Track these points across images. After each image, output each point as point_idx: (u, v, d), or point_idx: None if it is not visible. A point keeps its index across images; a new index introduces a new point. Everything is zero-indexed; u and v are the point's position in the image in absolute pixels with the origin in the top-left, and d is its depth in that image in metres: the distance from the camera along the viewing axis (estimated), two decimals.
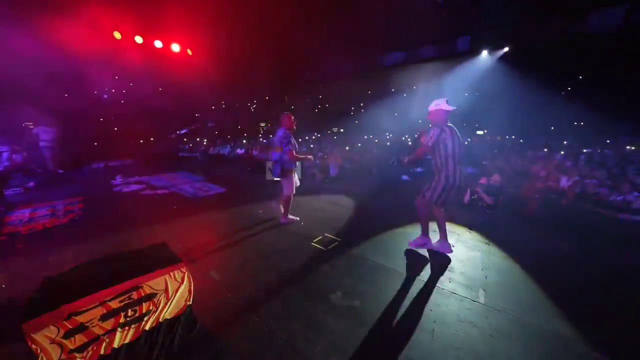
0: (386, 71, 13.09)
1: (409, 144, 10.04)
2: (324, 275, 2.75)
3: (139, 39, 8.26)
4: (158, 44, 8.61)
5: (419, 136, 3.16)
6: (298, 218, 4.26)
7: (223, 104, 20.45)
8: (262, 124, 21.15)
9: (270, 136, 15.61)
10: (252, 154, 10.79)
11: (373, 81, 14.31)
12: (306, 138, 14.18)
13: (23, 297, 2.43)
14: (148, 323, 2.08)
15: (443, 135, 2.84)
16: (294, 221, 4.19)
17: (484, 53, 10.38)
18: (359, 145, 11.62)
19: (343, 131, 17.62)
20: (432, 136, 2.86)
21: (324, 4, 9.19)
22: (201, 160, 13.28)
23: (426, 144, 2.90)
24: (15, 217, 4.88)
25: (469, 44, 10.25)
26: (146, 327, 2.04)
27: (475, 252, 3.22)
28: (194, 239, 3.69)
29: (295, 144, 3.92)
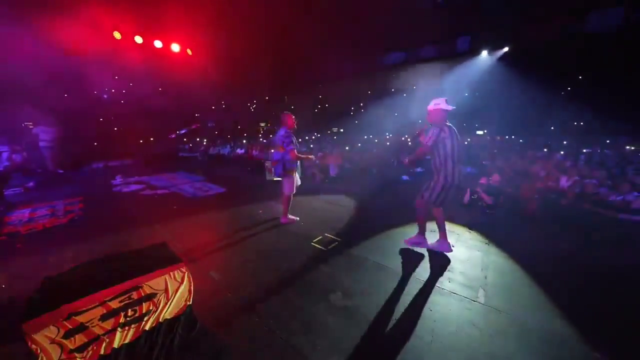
0: (386, 71, 13.10)
1: (409, 144, 10.03)
2: (324, 275, 2.75)
3: (139, 39, 8.26)
4: (158, 44, 8.61)
5: (418, 135, 3.16)
6: (298, 218, 4.26)
7: (223, 104, 20.46)
8: (262, 124, 21.16)
9: (270, 136, 15.61)
10: (252, 154, 10.79)
11: (373, 81, 14.32)
12: (306, 138, 14.19)
13: (23, 297, 2.43)
14: (148, 323, 2.08)
15: (442, 134, 2.83)
16: (294, 221, 4.20)
17: (484, 53, 10.38)
18: (359, 145, 11.62)
19: (343, 131, 17.62)
20: (432, 136, 2.86)
21: (324, 4, 9.20)
22: (201, 160, 13.29)
23: (426, 144, 2.90)
24: (15, 217, 4.88)
25: (469, 44, 10.25)
26: (146, 327, 2.04)
27: (475, 252, 3.22)
28: (194, 239, 3.69)
29: (296, 144, 3.93)
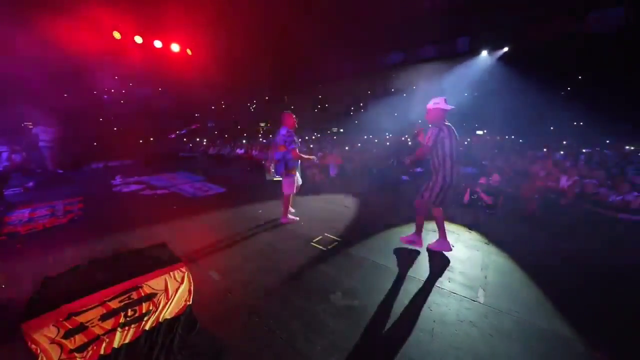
0: (386, 71, 13.09)
1: (409, 144, 10.03)
2: (324, 275, 2.75)
3: (139, 39, 8.26)
4: (158, 44, 8.61)
5: (416, 134, 3.15)
6: (298, 218, 4.26)
7: (223, 104, 20.46)
8: (262, 124, 21.15)
9: (270, 136, 15.61)
10: (252, 154, 10.79)
11: (373, 81, 14.31)
12: (306, 138, 14.18)
13: (23, 297, 2.43)
14: (148, 323, 2.08)
15: (441, 134, 2.83)
16: (294, 221, 4.20)
17: (484, 53, 10.37)
18: (359, 145, 11.62)
19: (343, 131, 17.61)
20: (431, 136, 2.86)
21: (324, 4, 9.20)
22: (201, 160, 13.28)
23: (426, 144, 2.90)
24: (14, 217, 4.88)
25: (469, 44, 10.24)
26: (146, 327, 2.04)
27: (474, 252, 3.22)
28: (194, 239, 3.69)
29: (298, 143, 3.94)
